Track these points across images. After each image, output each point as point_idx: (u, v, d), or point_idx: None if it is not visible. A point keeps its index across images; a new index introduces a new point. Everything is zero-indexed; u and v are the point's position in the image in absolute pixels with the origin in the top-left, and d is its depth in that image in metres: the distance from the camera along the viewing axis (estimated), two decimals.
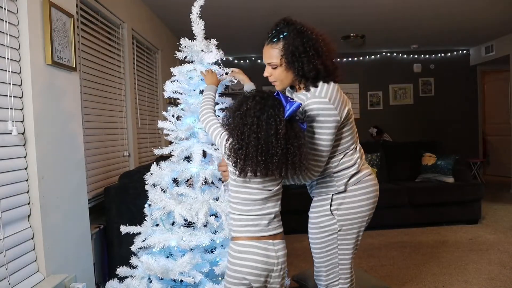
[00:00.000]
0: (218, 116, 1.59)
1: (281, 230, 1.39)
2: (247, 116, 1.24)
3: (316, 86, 1.50)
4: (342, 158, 1.57)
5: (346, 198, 1.58)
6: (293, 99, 1.28)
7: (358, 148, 1.63)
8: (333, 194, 1.59)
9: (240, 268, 1.32)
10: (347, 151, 1.58)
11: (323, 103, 1.45)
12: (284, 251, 1.37)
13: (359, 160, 1.60)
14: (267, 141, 1.21)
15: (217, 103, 1.75)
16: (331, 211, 1.58)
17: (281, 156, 1.22)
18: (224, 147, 1.33)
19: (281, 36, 1.49)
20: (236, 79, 1.82)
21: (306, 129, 1.32)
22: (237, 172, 1.28)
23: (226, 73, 1.80)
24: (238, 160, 1.25)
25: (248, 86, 1.78)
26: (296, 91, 1.61)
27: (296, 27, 1.48)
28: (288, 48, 1.47)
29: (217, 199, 1.67)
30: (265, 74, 1.58)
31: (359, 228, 1.61)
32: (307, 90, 1.51)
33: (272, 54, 1.51)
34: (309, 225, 1.66)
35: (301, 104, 1.28)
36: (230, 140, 1.28)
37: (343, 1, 4.07)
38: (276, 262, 1.34)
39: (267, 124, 1.22)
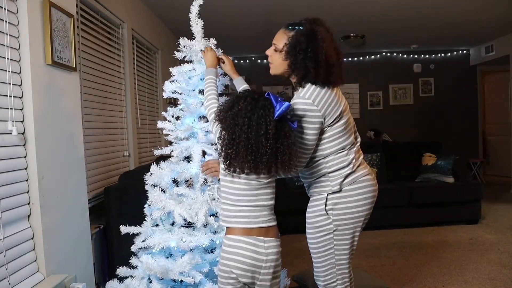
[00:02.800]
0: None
1: (273, 223, 1.40)
2: (239, 117, 1.27)
3: (303, 87, 1.55)
4: (336, 158, 1.59)
5: (341, 198, 1.58)
6: (284, 100, 1.31)
7: (355, 150, 1.64)
8: (327, 194, 1.59)
9: (228, 262, 1.34)
10: (341, 151, 1.59)
11: (306, 104, 1.50)
12: (275, 249, 1.38)
13: (354, 160, 1.61)
14: (257, 141, 1.25)
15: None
16: (326, 211, 1.58)
17: (270, 155, 1.26)
18: (217, 141, 1.37)
19: (296, 27, 1.55)
20: (223, 62, 1.80)
21: (296, 128, 1.36)
22: (226, 168, 1.32)
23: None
24: (228, 158, 1.29)
25: (237, 80, 1.82)
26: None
27: (313, 28, 1.52)
28: (293, 39, 1.52)
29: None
30: (267, 52, 1.65)
31: (355, 229, 1.61)
32: (296, 90, 1.59)
33: (281, 37, 1.58)
34: (306, 225, 1.67)
35: (290, 104, 1.32)
36: (222, 138, 1.32)
37: (343, 1, 4.07)
38: (265, 259, 1.34)
39: (257, 124, 1.25)
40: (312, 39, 1.50)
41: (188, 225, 1.68)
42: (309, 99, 1.50)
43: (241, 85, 1.79)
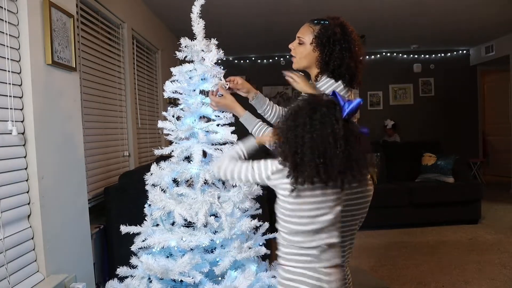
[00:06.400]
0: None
1: (338, 261, 1.22)
2: (299, 117, 1.12)
3: (319, 80, 1.56)
4: None
5: None
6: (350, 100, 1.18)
7: None
8: None
9: None
10: None
11: None
12: (340, 279, 1.22)
13: None
14: (323, 141, 1.08)
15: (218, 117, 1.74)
16: None
17: (342, 160, 1.08)
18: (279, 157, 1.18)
19: (322, 22, 1.57)
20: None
21: (367, 133, 1.19)
22: (293, 180, 1.13)
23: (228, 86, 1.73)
24: (296, 166, 1.11)
25: (245, 117, 1.67)
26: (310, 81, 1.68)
27: (341, 22, 1.56)
28: (325, 32, 1.53)
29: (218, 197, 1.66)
30: (290, 45, 1.66)
31: (351, 226, 1.62)
32: (316, 81, 1.58)
33: (306, 31, 1.60)
34: None
35: (361, 100, 1.15)
36: (282, 150, 1.15)
37: (343, 1, 4.07)
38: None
39: (320, 123, 1.09)
40: (346, 32, 1.53)
41: (188, 225, 1.68)
42: None
43: (251, 122, 1.62)
